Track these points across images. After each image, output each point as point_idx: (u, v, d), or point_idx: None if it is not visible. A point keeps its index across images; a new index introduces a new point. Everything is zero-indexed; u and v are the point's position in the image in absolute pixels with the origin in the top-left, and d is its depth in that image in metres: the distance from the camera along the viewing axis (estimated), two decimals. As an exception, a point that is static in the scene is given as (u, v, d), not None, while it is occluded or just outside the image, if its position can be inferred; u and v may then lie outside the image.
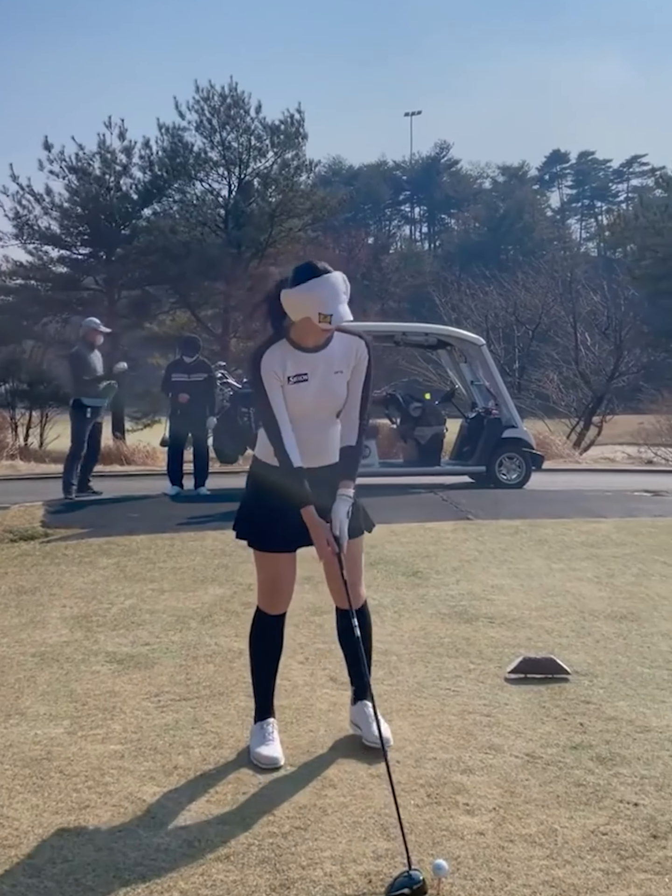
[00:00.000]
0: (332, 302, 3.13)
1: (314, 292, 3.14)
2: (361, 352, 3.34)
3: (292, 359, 3.27)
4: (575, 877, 2.62)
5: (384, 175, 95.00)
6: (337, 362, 3.31)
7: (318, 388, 3.29)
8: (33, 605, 5.75)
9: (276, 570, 3.46)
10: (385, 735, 3.42)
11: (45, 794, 3.16)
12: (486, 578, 6.27)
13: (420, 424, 11.95)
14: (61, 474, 11.09)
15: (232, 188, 31.15)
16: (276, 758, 3.34)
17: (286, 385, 3.28)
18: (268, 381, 3.26)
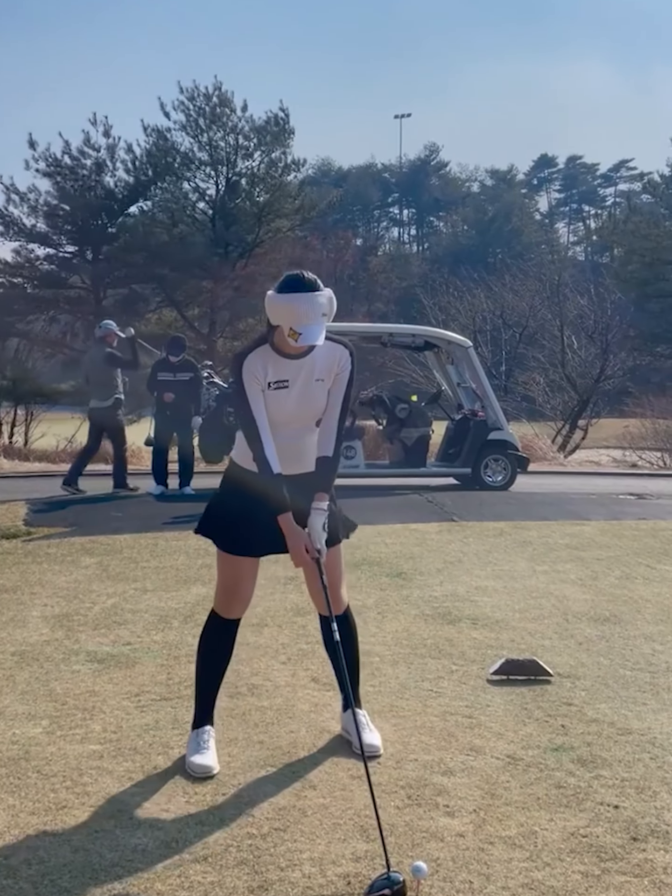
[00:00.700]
0: (306, 321, 3.07)
1: (291, 305, 3.08)
2: (344, 360, 3.29)
3: (274, 364, 3.22)
4: (554, 879, 2.61)
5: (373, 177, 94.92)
6: (318, 370, 3.26)
7: (298, 395, 3.25)
8: (14, 603, 5.71)
9: (237, 573, 3.41)
10: (374, 742, 3.44)
11: (21, 795, 3.13)
12: (469, 580, 6.27)
13: (406, 426, 11.94)
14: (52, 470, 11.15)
15: (219, 187, 31.11)
16: (209, 766, 3.28)
17: (266, 391, 3.24)
18: (249, 386, 3.21)
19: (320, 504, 3.27)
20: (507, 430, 12.33)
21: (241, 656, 4.56)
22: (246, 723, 3.76)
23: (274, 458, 3.20)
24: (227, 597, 3.45)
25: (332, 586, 3.38)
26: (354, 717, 3.24)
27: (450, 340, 12.36)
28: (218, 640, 3.48)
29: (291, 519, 3.22)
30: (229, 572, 3.43)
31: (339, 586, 3.50)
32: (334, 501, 3.47)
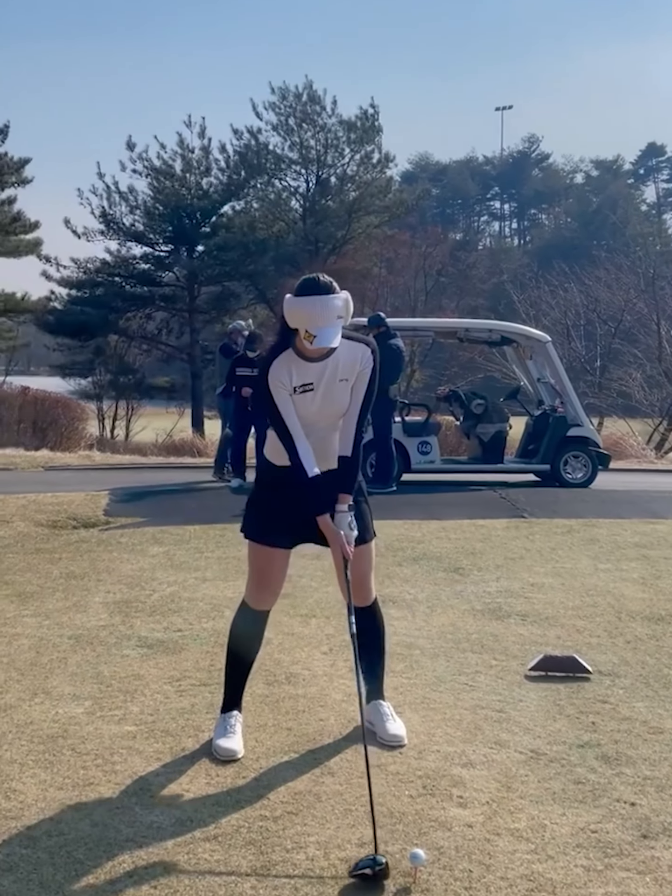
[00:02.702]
0: (321, 323, 3.12)
1: (307, 308, 3.14)
2: (367, 359, 3.33)
3: (298, 368, 3.28)
4: (555, 872, 2.61)
5: (473, 171, 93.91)
6: (342, 370, 3.31)
7: (323, 396, 3.32)
8: (79, 589, 5.92)
9: (266, 564, 3.48)
10: (398, 732, 3.50)
11: (53, 770, 3.28)
12: (527, 576, 6.22)
13: (482, 421, 11.85)
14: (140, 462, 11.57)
15: (310, 185, 31.37)
16: (234, 750, 3.38)
17: (294, 394, 3.30)
18: (276, 393, 3.28)
19: (342, 506, 3.34)
20: (587, 426, 12.11)
21: (284, 646, 4.68)
22: (278, 710, 3.84)
23: (309, 461, 3.28)
24: (258, 588, 3.53)
25: (361, 580, 3.51)
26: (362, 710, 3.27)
27: (528, 335, 12.20)
28: (247, 630, 3.57)
29: (329, 520, 3.31)
30: (258, 563, 3.52)
31: (368, 580, 3.58)
32: (367, 502, 3.56)
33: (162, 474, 12.28)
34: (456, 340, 12.77)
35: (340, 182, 30.95)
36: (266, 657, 4.48)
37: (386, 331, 10.54)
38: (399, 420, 11.60)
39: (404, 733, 3.52)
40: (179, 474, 12.68)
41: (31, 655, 4.58)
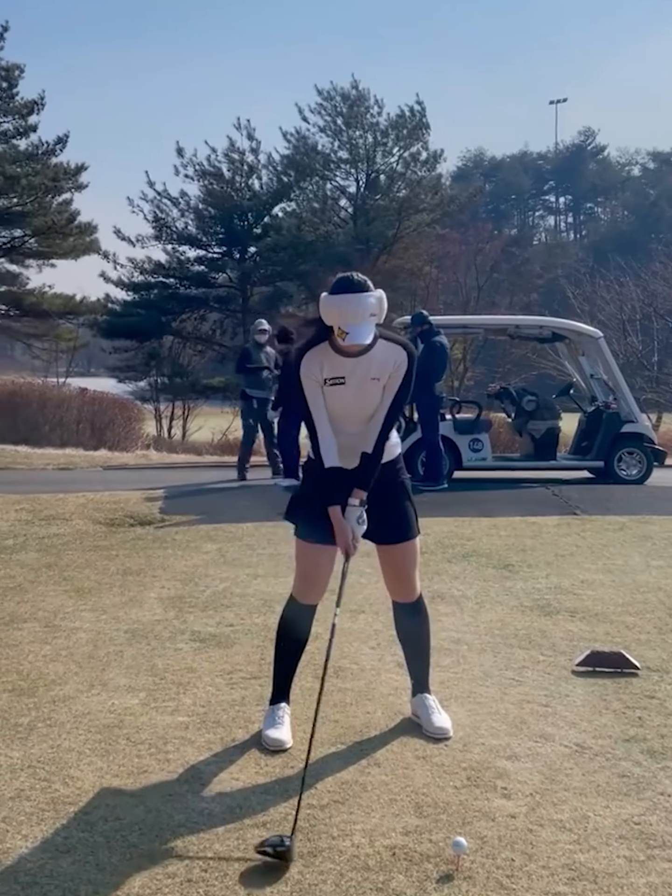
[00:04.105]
0: (353, 321, 3.19)
1: (340, 306, 3.21)
2: (401, 360, 3.36)
3: (330, 361, 3.35)
4: (597, 862, 2.65)
5: (527, 165, 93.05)
6: (375, 369, 3.35)
7: (354, 392, 3.36)
8: (136, 585, 6.07)
9: (312, 560, 3.55)
10: (444, 725, 3.55)
11: (109, 759, 3.40)
12: (577, 573, 6.22)
13: (534, 418, 11.81)
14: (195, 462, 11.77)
15: (359, 185, 31.45)
16: (282, 740, 3.48)
17: (325, 386, 3.37)
18: (306, 383, 3.37)
19: (354, 500, 3.41)
20: (641, 422, 12.00)
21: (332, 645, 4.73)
22: (326, 702, 3.88)
23: (330, 452, 3.38)
24: (304, 583, 3.62)
25: (403, 577, 3.62)
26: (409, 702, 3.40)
27: (579, 331, 12.12)
28: (294, 624, 3.65)
29: (339, 511, 3.40)
30: (306, 560, 3.59)
31: (411, 577, 3.63)
32: (411, 500, 3.62)
33: (216, 473, 12.45)
34: (507, 337, 12.73)
35: (390, 181, 30.96)
36: (315, 651, 4.55)
37: (430, 328, 10.57)
38: (450, 418, 11.62)
39: (450, 726, 3.57)
40: (233, 473, 12.83)
41: (89, 649, 4.72)
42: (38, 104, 30.82)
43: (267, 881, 2.59)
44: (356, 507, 3.41)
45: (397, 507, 3.55)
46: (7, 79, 30.50)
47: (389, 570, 3.62)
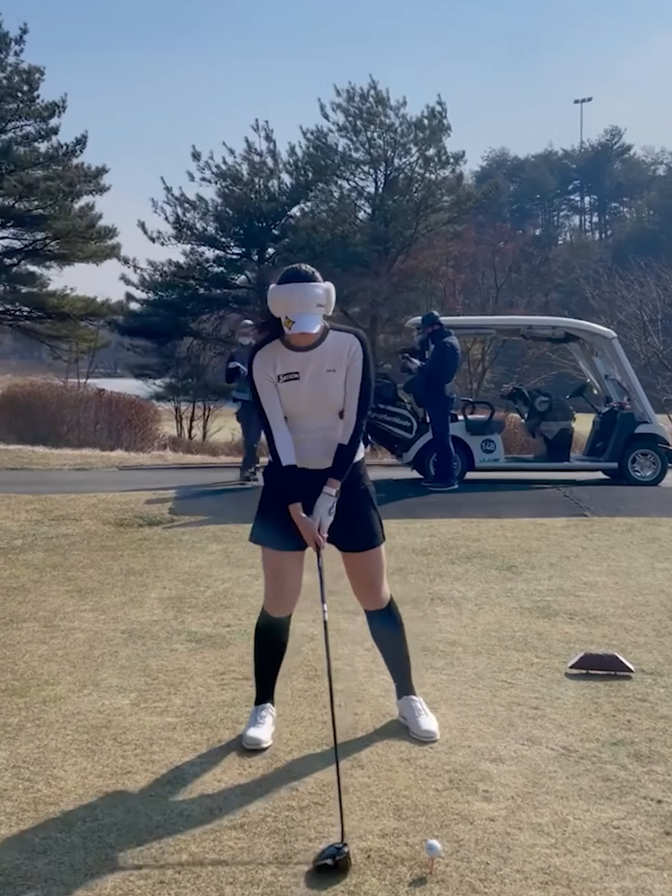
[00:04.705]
0: (300, 309, 3.17)
1: (287, 296, 3.20)
2: (355, 349, 3.33)
3: (283, 358, 3.32)
4: (572, 866, 2.62)
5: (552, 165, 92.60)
6: (329, 360, 3.32)
7: (310, 386, 3.32)
8: (137, 585, 6.09)
9: (278, 568, 3.49)
10: (431, 728, 3.54)
11: (94, 759, 3.40)
12: (580, 575, 6.17)
13: (546, 419, 11.75)
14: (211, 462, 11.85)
15: (378, 185, 31.39)
16: (260, 739, 3.46)
17: (279, 384, 3.34)
18: (259, 382, 3.35)
19: (329, 490, 3.36)
20: (655, 423, 11.90)
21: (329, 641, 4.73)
22: (315, 704, 3.90)
23: (286, 450, 3.34)
24: (273, 593, 3.54)
25: (370, 584, 3.58)
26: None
27: (592, 332, 12.04)
28: (267, 636, 3.61)
29: (300, 509, 3.35)
30: (270, 568, 3.53)
31: (378, 584, 3.59)
32: (375, 508, 3.53)
33: (230, 473, 12.46)
34: (520, 338, 12.68)
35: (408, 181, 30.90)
36: (309, 652, 4.57)
37: (440, 329, 10.54)
38: (462, 418, 11.58)
39: (436, 728, 3.54)
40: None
41: (85, 649, 4.74)
42: (58, 107, 31.02)
43: (240, 884, 2.58)
44: (331, 496, 3.37)
45: (361, 515, 3.48)
46: (28, 81, 30.71)
47: (356, 579, 3.56)
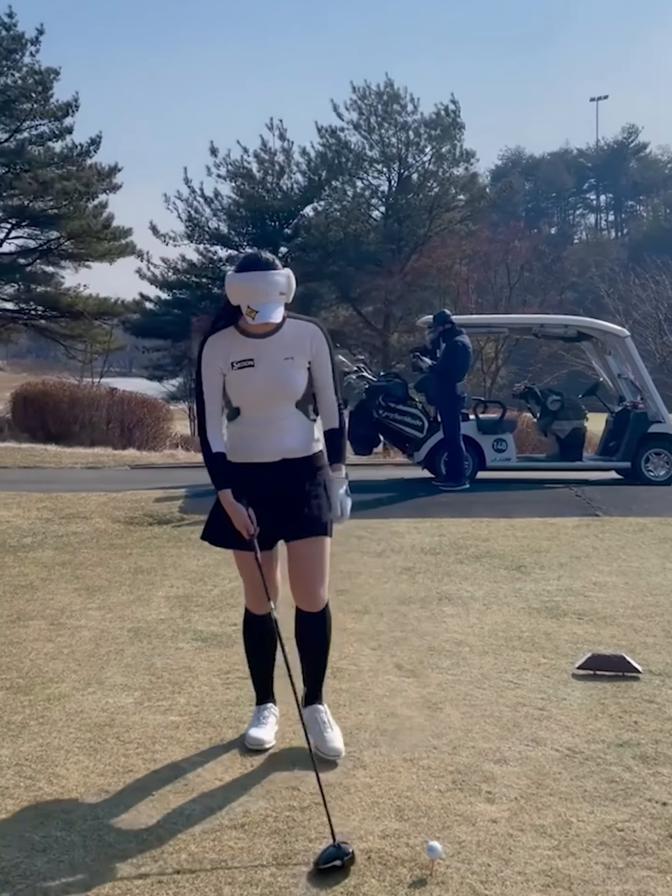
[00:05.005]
0: (263, 299, 3.09)
1: (248, 284, 3.10)
2: (318, 339, 3.27)
3: (237, 344, 3.22)
4: (574, 868, 2.59)
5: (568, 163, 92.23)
6: (288, 348, 3.23)
7: (266, 374, 3.21)
8: (144, 584, 6.08)
9: (246, 567, 3.40)
10: (334, 744, 3.32)
11: (97, 758, 3.39)
12: (590, 575, 6.13)
13: (559, 418, 11.70)
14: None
15: (392, 184, 31.35)
16: (261, 739, 3.41)
17: (231, 371, 3.23)
18: (206, 368, 3.25)
19: (338, 474, 3.33)
20: (669, 422, 11.83)
21: (334, 641, 4.66)
22: (319, 703, 3.88)
23: (216, 439, 3.27)
24: (247, 592, 3.51)
25: (307, 580, 3.33)
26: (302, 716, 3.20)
27: (605, 330, 11.98)
28: (253, 634, 3.56)
29: (231, 496, 3.24)
30: (242, 567, 3.45)
31: (317, 581, 3.35)
32: (326, 491, 3.34)
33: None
34: (532, 337, 12.63)
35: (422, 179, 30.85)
36: (314, 652, 4.54)
37: (452, 328, 10.51)
38: (473, 417, 11.54)
39: (342, 745, 3.34)
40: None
41: (91, 647, 4.73)
42: (72, 106, 31.17)
43: (239, 884, 2.57)
44: (342, 479, 3.32)
45: (311, 502, 3.29)
46: (42, 82, 30.86)
47: (296, 571, 3.34)
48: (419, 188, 30.91)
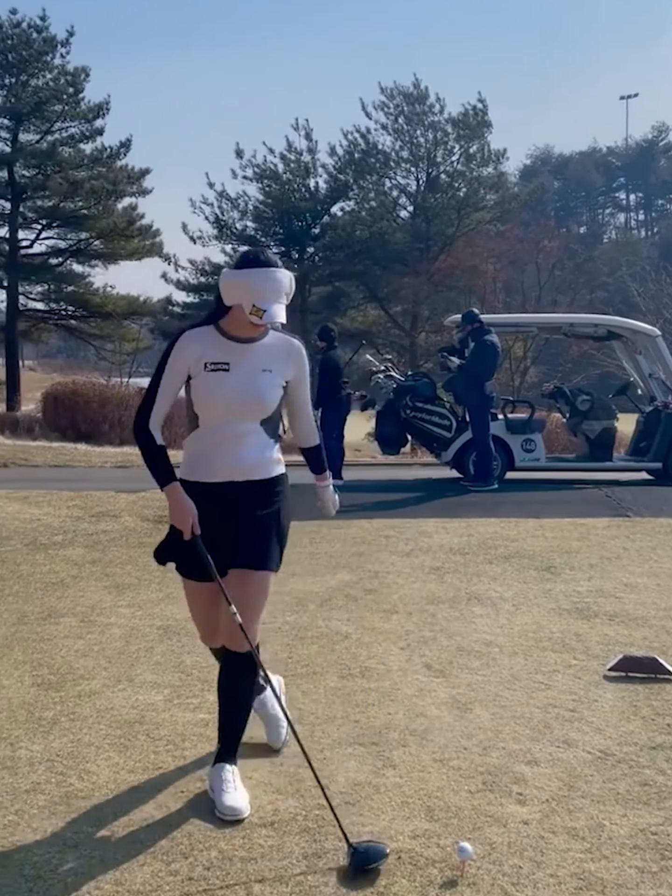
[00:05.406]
0: (270, 297, 2.90)
1: (254, 281, 2.89)
2: (300, 358, 3.10)
3: (215, 345, 2.99)
4: (607, 872, 2.57)
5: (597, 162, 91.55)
6: (267, 360, 3.02)
7: (240, 382, 2.98)
8: (174, 582, 6.02)
9: (196, 597, 3.20)
10: (236, 805, 2.92)
11: (127, 754, 3.41)
12: (621, 576, 6.08)
13: (588, 418, 11.61)
14: None
15: (420, 183, 31.30)
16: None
17: (202, 373, 2.98)
18: (173, 361, 2.99)
19: (324, 482, 3.38)
20: (700, 422, 11.70)
21: (363, 640, 4.72)
22: (348, 702, 3.87)
23: (159, 434, 3.03)
24: (199, 625, 3.30)
25: (246, 618, 3.00)
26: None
27: (635, 329, 11.89)
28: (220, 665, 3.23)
29: (179, 489, 3.02)
30: (189, 597, 3.26)
31: (254, 621, 3.07)
32: (282, 534, 3.19)
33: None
34: (561, 336, 12.55)
35: (450, 179, 30.77)
36: (343, 651, 4.55)
37: (480, 327, 10.46)
38: (502, 417, 11.49)
39: (243, 805, 2.93)
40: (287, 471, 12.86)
41: (121, 644, 4.75)
42: (103, 108, 31.39)
43: (269, 882, 2.56)
44: (328, 485, 3.39)
45: (262, 531, 3.07)
46: (73, 83, 31.09)
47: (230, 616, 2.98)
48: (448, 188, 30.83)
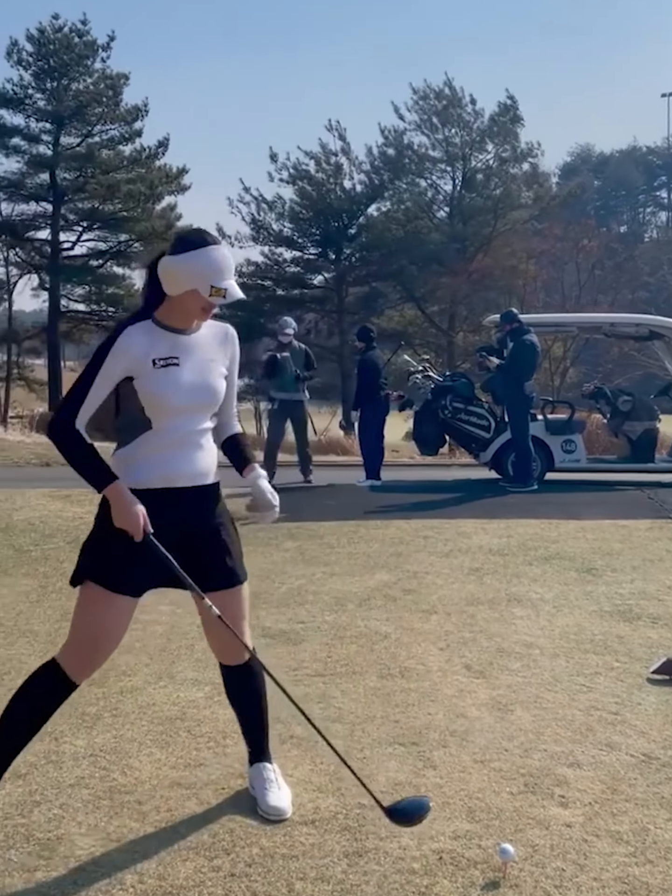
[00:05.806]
0: (227, 274, 2.72)
1: (206, 261, 2.69)
2: (233, 343, 2.95)
3: (160, 340, 2.77)
4: (652, 876, 2.54)
5: (637, 160, 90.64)
6: (209, 349, 2.87)
7: (192, 376, 2.80)
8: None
9: (110, 617, 2.79)
10: (280, 805, 2.95)
11: (168, 750, 3.43)
12: (664, 578, 6.01)
13: (630, 419, 11.50)
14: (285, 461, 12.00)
15: (456, 183, 31.21)
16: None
17: (151, 371, 2.74)
18: (112, 358, 2.71)
19: (256, 472, 3.02)
20: None
21: (402, 640, 4.71)
22: (388, 702, 3.87)
23: (84, 433, 2.74)
24: (89, 650, 2.82)
25: (238, 632, 2.94)
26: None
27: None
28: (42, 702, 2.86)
29: (124, 487, 2.73)
30: (98, 616, 2.79)
31: (245, 631, 3.02)
32: (237, 534, 3.07)
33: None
34: (602, 336, 12.43)
35: (486, 178, 30.66)
36: (383, 651, 4.55)
37: (519, 326, 10.40)
38: (542, 418, 11.41)
39: (287, 805, 2.95)
40: (321, 472, 12.84)
41: (162, 642, 4.79)
42: (141, 111, 31.70)
43: (310, 879, 2.57)
44: (262, 475, 3.02)
45: (229, 542, 2.96)
46: (113, 87, 31.42)
47: (217, 625, 2.87)
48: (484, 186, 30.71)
